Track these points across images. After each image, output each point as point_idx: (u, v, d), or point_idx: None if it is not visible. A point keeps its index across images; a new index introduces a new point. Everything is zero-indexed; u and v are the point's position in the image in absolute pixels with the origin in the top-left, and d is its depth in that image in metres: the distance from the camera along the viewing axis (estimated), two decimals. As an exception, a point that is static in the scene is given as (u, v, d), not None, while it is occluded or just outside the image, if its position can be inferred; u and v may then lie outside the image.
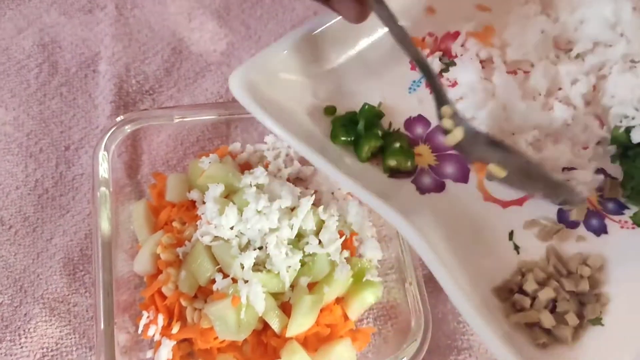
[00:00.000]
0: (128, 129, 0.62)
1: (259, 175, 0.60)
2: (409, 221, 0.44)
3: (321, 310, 0.59)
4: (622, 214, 0.50)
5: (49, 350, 0.60)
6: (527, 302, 0.45)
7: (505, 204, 0.50)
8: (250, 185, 0.59)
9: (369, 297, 0.61)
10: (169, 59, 0.78)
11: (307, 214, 0.58)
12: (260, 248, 0.58)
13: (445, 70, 0.55)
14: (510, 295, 0.46)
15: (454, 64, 0.55)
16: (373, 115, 0.52)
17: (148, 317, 0.58)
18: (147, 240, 0.61)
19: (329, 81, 0.52)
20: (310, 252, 0.59)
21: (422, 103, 0.53)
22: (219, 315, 0.55)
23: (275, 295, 0.58)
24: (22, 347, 0.59)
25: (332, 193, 0.64)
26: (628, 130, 0.50)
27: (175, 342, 0.57)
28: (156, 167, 0.68)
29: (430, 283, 0.66)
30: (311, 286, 0.59)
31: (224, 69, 0.77)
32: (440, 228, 0.47)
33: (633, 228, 0.49)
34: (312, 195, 0.60)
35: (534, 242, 0.49)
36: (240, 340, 0.56)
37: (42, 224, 0.66)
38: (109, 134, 0.61)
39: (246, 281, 0.56)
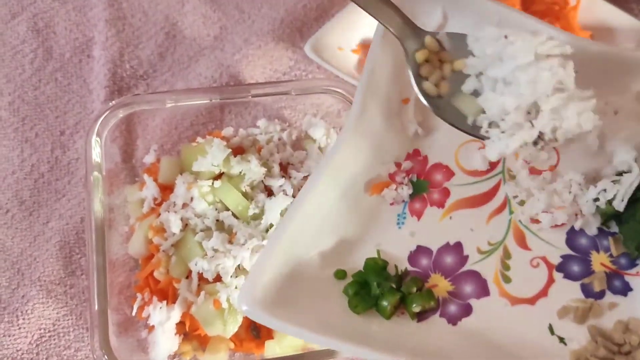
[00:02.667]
0: (120, 113, 0.63)
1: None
2: None
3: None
4: (636, 265, 0.51)
5: (47, 331, 0.61)
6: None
7: (532, 300, 0.50)
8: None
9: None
10: (163, 44, 0.78)
11: None
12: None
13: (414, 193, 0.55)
14: None
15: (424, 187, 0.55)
16: (379, 269, 0.51)
17: (142, 299, 0.59)
18: (140, 223, 0.62)
19: (324, 243, 0.52)
20: None
21: (415, 234, 0.53)
22: (203, 318, 0.57)
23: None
24: (20, 328, 0.61)
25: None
26: (610, 202, 0.51)
27: (169, 323, 0.58)
28: (150, 151, 0.69)
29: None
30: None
31: (218, 54, 0.78)
32: (484, 351, 0.48)
33: None
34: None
35: (575, 327, 0.49)
36: (228, 336, 0.58)
37: (38, 207, 0.67)
38: (101, 119, 0.62)
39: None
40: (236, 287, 0.57)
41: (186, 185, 0.61)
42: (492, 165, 0.55)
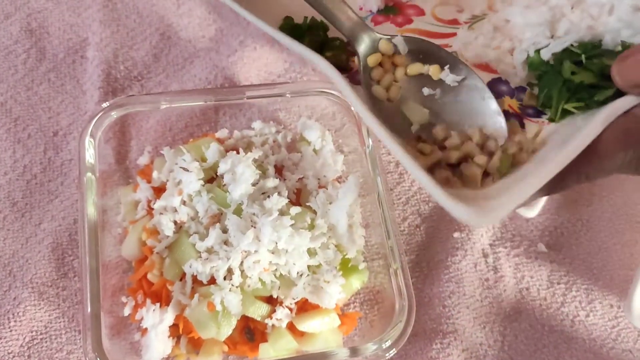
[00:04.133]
0: (115, 114, 0.62)
1: None
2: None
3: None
4: (540, 117, 0.53)
5: (38, 333, 0.61)
6: (430, 147, 0.48)
7: None
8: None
9: (355, 283, 0.62)
10: (158, 45, 0.78)
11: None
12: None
13: (383, 11, 0.60)
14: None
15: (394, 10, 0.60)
16: (318, 25, 0.55)
17: (135, 301, 0.58)
18: (134, 225, 0.62)
19: None
20: None
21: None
22: (197, 320, 0.56)
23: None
24: (11, 331, 0.60)
25: (318, 179, 0.64)
26: (538, 51, 0.53)
27: (162, 326, 0.58)
28: (144, 153, 0.69)
29: (417, 268, 0.67)
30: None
31: (213, 55, 0.77)
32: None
33: (549, 124, 0.52)
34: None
35: None
36: (222, 339, 0.57)
37: (30, 209, 0.67)
38: (95, 120, 0.61)
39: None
40: (230, 290, 0.57)
41: (177, 190, 0.60)
42: (461, 22, 0.59)
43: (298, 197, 0.64)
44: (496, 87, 0.54)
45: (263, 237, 0.57)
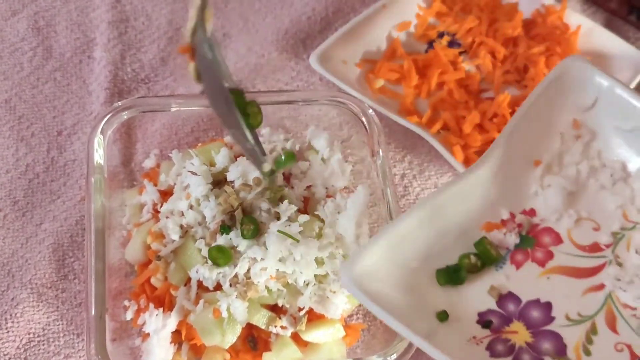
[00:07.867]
0: (125, 115, 0.62)
1: None
2: None
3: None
4: None
5: (36, 335, 0.59)
6: None
7: None
8: None
9: (359, 293, 0.61)
10: (165, 48, 0.78)
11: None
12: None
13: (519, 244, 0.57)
14: None
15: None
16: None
17: (138, 305, 0.57)
18: (138, 228, 0.61)
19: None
20: None
21: (509, 279, 0.55)
22: (202, 327, 0.55)
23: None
24: (8, 332, 0.59)
25: (326, 188, 0.64)
26: None
27: (164, 332, 0.57)
28: (150, 155, 0.68)
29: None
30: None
31: (221, 61, 0.77)
32: None
33: None
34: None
35: None
36: (226, 347, 0.56)
37: (32, 208, 0.66)
38: (105, 120, 0.61)
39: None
40: (236, 297, 0.56)
41: (185, 194, 0.60)
42: (603, 247, 0.57)
43: (306, 206, 0.64)
44: None
45: (271, 244, 0.56)
